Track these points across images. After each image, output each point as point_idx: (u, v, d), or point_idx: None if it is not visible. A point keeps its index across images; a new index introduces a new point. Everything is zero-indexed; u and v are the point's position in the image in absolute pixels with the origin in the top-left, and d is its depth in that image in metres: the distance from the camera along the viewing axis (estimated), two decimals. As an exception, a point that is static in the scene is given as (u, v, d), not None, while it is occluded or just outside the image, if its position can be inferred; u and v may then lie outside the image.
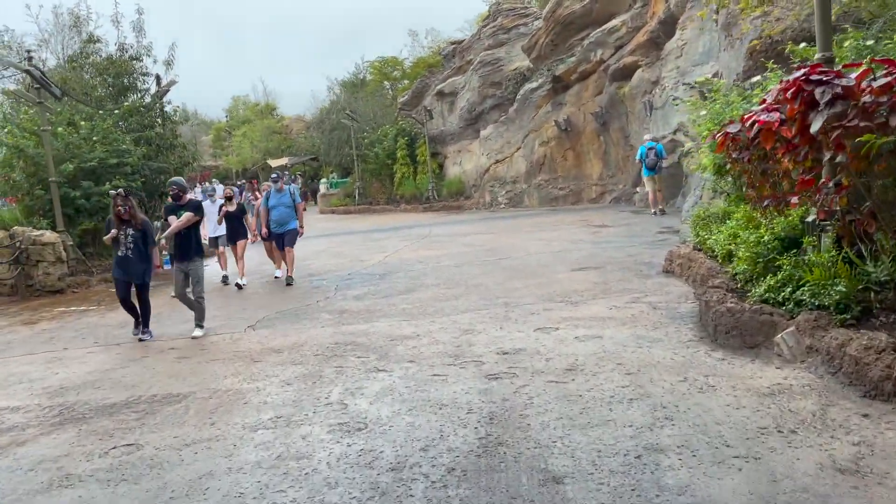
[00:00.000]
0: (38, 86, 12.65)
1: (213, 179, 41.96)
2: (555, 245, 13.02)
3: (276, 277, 11.96)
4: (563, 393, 4.75)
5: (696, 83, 13.64)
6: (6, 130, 14.00)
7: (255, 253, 14.23)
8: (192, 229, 8.61)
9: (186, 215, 8.20)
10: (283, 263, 11.83)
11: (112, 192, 8.55)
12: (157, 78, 16.66)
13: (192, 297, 8.22)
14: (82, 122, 14.08)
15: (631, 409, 4.35)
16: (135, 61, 16.15)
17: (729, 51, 13.12)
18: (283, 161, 39.66)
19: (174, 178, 9.11)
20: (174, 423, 4.91)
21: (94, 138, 13.88)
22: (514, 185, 24.33)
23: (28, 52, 14.23)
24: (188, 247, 8.35)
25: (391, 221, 23.03)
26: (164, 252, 10.13)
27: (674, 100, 16.43)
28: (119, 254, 8.31)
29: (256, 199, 16.68)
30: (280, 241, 11.51)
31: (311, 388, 5.40)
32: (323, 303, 9.27)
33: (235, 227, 11.82)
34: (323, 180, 36.18)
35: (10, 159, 13.25)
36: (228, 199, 11.77)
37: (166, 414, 5.13)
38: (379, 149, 29.44)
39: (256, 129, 44.24)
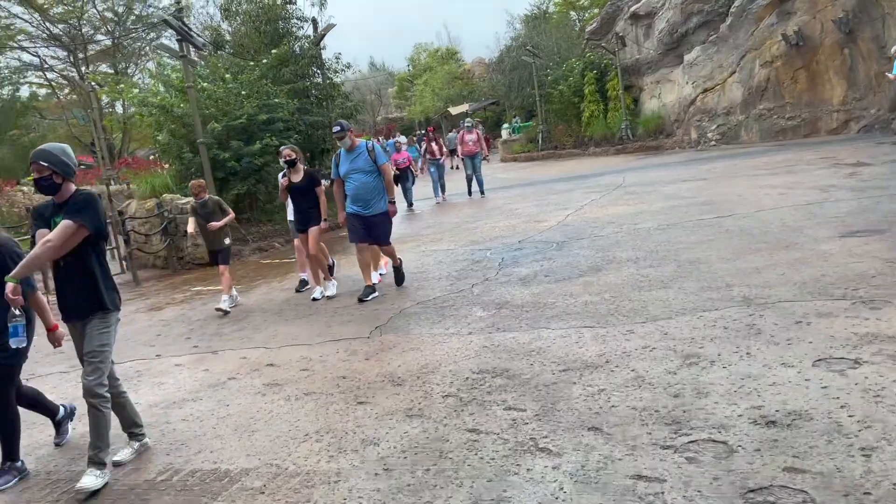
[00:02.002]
0: (179, 37, 11.43)
1: (396, 132, 41.33)
2: (797, 194, 9.63)
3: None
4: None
5: None
6: (151, 89, 13.14)
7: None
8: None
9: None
10: (370, 268, 7.66)
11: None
12: (314, 22, 15.07)
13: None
14: (227, 76, 12.82)
15: None
16: (289, 5, 14.66)
17: None
18: (464, 108, 37.68)
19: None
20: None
21: (243, 93, 12.56)
22: (728, 118, 20.28)
23: (178, 1, 13.12)
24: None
25: (578, 168, 20.14)
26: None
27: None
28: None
29: (433, 153, 15.17)
30: (364, 232, 7.26)
31: (419, 489, 3.13)
32: (479, 288, 6.96)
33: (303, 208, 7.86)
34: (505, 125, 33.74)
35: (158, 120, 12.32)
36: (290, 163, 7.73)
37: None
38: (564, 86, 26.32)
39: (437, 75, 42.61)
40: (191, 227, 8.06)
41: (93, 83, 19.72)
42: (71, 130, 25.32)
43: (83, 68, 24.40)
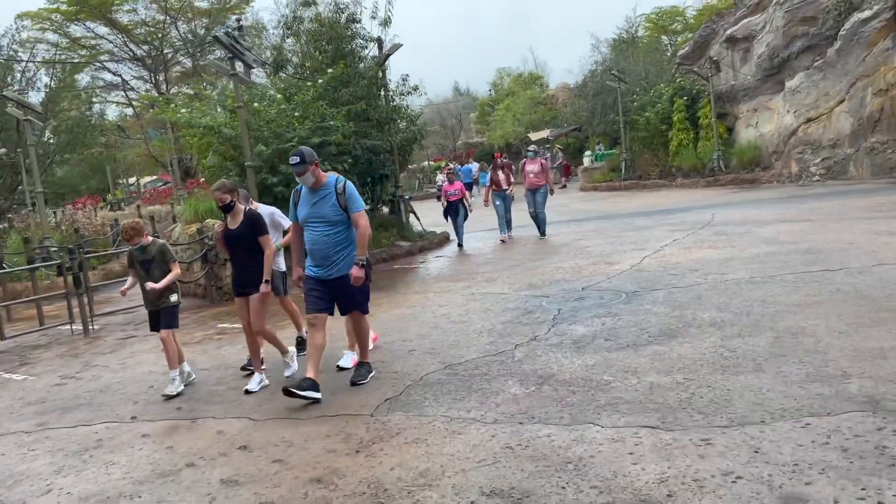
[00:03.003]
0: (231, 55, 10.82)
1: (471, 158, 40.52)
2: (927, 246, 7.95)
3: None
4: None
5: None
6: (198, 108, 12.59)
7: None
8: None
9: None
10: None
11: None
12: (379, 42, 14.31)
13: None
14: (279, 96, 12.15)
15: None
16: (353, 23, 13.94)
17: None
18: (544, 133, 36.42)
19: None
20: None
21: (297, 114, 11.84)
22: (834, 151, 18.26)
23: (238, 20, 12.60)
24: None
25: (662, 201, 18.54)
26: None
27: None
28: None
29: (499, 183, 13.49)
30: (326, 300, 5.38)
31: None
32: (523, 351, 5.74)
33: (243, 264, 5.79)
34: (587, 152, 32.24)
35: (209, 141, 11.73)
36: (226, 208, 5.75)
37: None
38: (651, 112, 24.70)
39: (520, 100, 41.52)
40: (127, 283, 6.09)
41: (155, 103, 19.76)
42: (150, 150, 25.70)
43: (164, 88, 24.76)
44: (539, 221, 13.53)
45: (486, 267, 10.95)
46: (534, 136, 37.52)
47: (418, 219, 15.35)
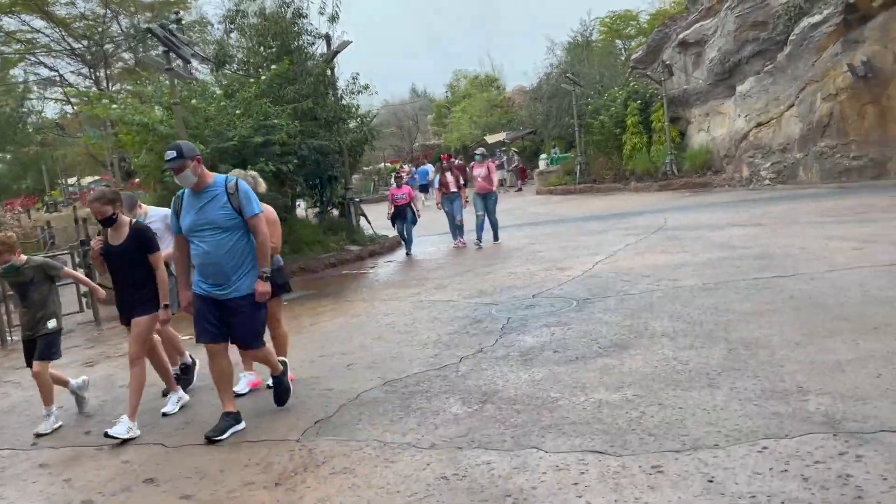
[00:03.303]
0: (165, 48, 10.26)
1: (427, 160, 40.17)
2: (877, 251, 7.88)
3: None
4: None
5: None
6: (131, 104, 11.97)
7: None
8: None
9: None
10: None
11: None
12: (328, 38, 13.85)
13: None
14: (218, 92, 11.62)
15: None
16: (300, 18, 13.46)
17: None
18: (501, 136, 36.27)
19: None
20: None
21: (238, 111, 11.33)
22: (784, 155, 18.42)
23: (177, 13, 12.02)
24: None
25: (616, 205, 18.47)
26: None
27: None
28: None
29: (446, 185, 12.85)
30: (218, 326, 4.56)
31: None
32: (468, 364, 5.41)
33: (126, 284, 4.99)
34: (543, 156, 32.18)
35: (142, 138, 11.12)
36: (106, 221, 4.90)
37: None
38: (605, 116, 24.71)
39: (476, 102, 41.37)
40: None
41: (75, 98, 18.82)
42: (88, 148, 24.67)
43: (106, 85, 23.81)
44: (492, 225, 12.96)
45: (436, 273, 10.62)
46: (490, 138, 37.38)
47: (369, 222, 14.94)
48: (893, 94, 15.71)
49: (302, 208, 16.75)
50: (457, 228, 13.13)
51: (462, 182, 13.03)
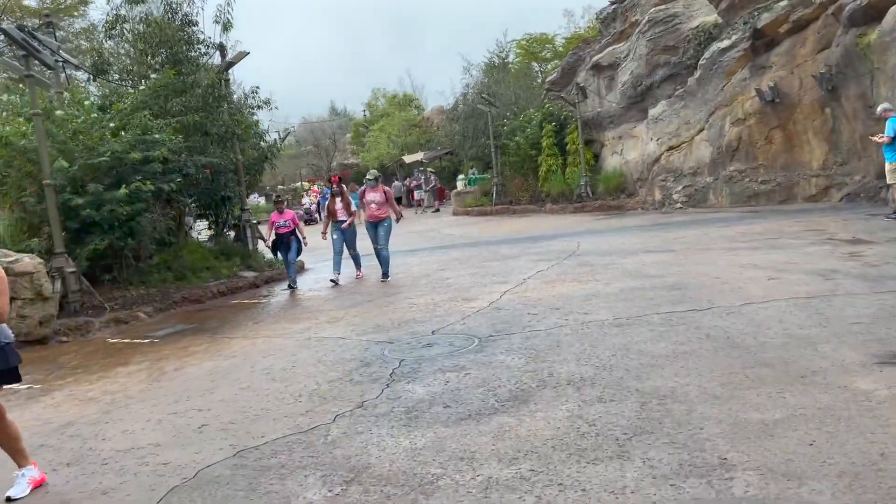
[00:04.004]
0: (24, 53, 9.05)
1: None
2: (792, 281, 7.51)
3: None
4: None
5: None
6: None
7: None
8: None
9: None
10: None
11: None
12: (222, 48, 12.82)
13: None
14: (86, 103, 10.42)
15: None
16: (189, 26, 12.37)
17: None
18: (418, 156, 35.66)
19: None
20: None
21: (112, 124, 10.17)
22: (695, 179, 18.46)
23: (47, 15, 10.76)
24: None
25: (531, 227, 18.04)
26: None
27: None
28: None
29: (334, 214, 11.52)
30: None
31: None
32: (340, 427, 4.55)
33: None
34: (460, 176, 31.73)
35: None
36: None
37: None
38: (521, 137, 24.43)
39: (394, 122, 40.68)
40: None
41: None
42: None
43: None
44: (381, 261, 11.26)
45: (333, 303, 9.72)
46: (408, 158, 36.77)
47: (268, 245, 13.86)
48: (799, 119, 15.91)
49: (201, 231, 15.56)
50: (353, 259, 11.89)
51: (353, 209, 11.68)
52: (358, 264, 11.94)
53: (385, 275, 11.19)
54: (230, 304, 10.76)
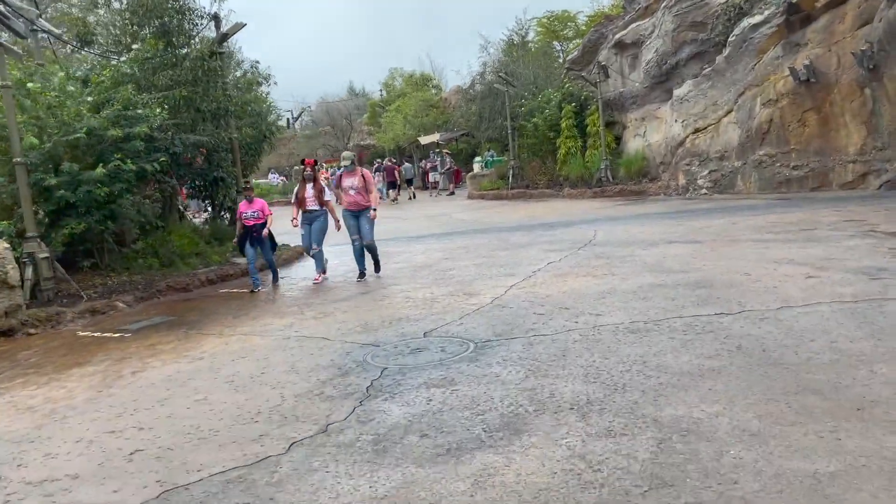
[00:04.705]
0: (-6, 20, 8.32)
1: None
2: (835, 281, 6.61)
3: None
4: None
5: None
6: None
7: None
8: None
9: None
10: None
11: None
12: (216, 19, 12.02)
13: None
14: (60, 74, 9.67)
15: None
16: (179, -7, 11.59)
17: None
18: (434, 137, 34.70)
19: None
20: None
21: (90, 98, 9.45)
22: (721, 163, 17.42)
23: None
24: None
25: (546, 213, 17.16)
26: None
27: None
28: None
29: (303, 202, 9.98)
30: None
31: None
32: (293, 459, 3.78)
33: None
34: (477, 159, 30.76)
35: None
36: None
37: None
38: (539, 118, 23.46)
39: (410, 102, 39.71)
40: None
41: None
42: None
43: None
44: (370, 253, 9.83)
45: (325, 295, 8.97)
46: (424, 139, 35.84)
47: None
48: (836, 100, 14.81)
49: (200, 213, 14.88)
50: (317, 259, 10.06)
51: (328, 197, 9.98)
52: (319, 264, 10.05)
53: (377, 267, 9.94)
54: (217, 293, 10.05)
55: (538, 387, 4.52)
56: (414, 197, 29.98)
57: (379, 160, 35.40)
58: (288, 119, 49.60)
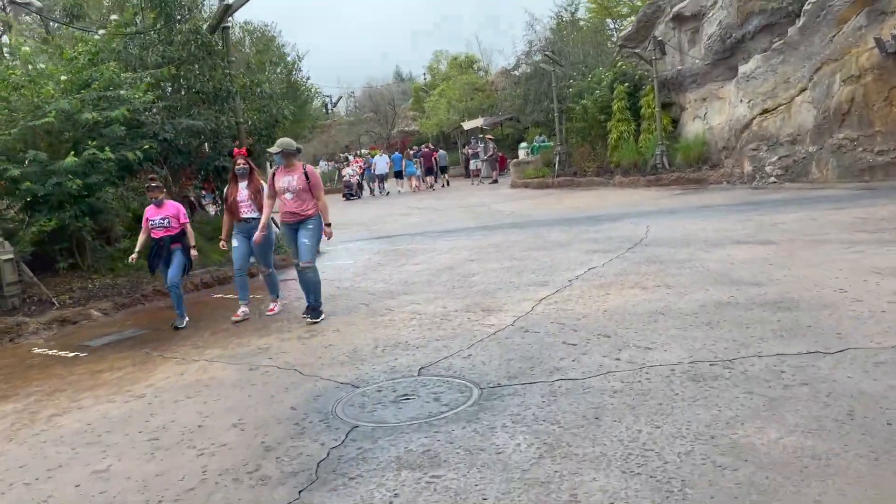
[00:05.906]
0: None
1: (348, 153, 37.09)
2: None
3: None
4: None
5: None
6: None
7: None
8: None
9: None
10: None
11: None
12: (219, -8, 10.79)
13: None
14: (23, 48, 8.56)
15: None
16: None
17: None
18: (478, 122, 33.10)
19: None
20: None
21: (63, 77, 8.32)
22: (794, 148, 15.45)
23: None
24: None
25: (594, 204, 15.53)
26: None
27: None
28: None
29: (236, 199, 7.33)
30: None
31: None
32: None
33: None
34: (523, 144, 29.06)
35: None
36: None
37: None
38: (588, 100, 21.67)
39: (455, 85, 38.12)
40: None
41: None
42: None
43: None
44: (304, 285, 6.95)
45: (325, 305, 7.63)
46: (467, 124, 34.33)
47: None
48: (932, 76, 12.75)
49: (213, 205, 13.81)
50: (265, 280, 7.65)
51: (267, 200, 7.06)
52: (273, 289, 7.64)
53: (313, 310, 6.89)
54: (207, 299, 8.84)
55: (554, 478, 3.09)
56: (448, 184, 29.05)
57: (417, 147, 34.27)
58: (326, 105, 48.63)
